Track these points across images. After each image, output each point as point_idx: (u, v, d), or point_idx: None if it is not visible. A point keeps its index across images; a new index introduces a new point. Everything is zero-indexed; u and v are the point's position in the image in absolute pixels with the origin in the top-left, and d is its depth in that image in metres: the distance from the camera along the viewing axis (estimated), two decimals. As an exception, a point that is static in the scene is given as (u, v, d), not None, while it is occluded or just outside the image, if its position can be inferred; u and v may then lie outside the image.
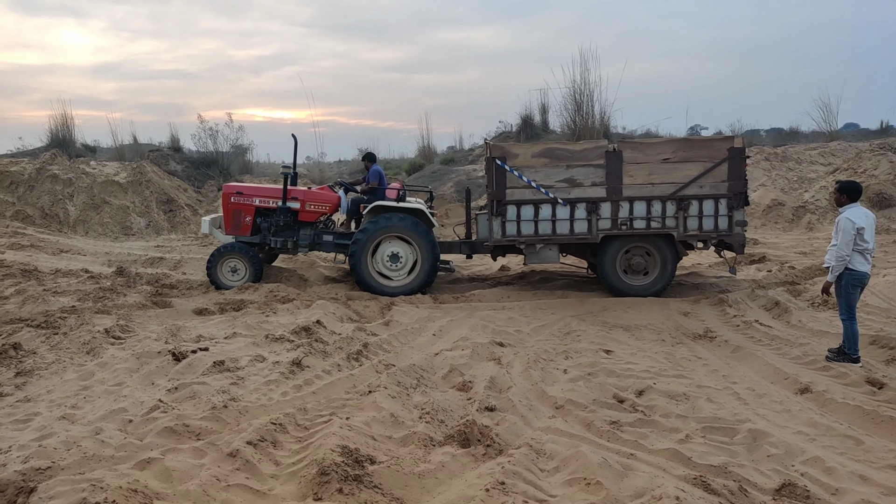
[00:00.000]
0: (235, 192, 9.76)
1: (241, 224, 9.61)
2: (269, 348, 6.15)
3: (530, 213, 8.74)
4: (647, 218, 8.63)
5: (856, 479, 3.74)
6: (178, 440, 4.06)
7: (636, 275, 8.92)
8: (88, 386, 5.14)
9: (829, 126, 19.08)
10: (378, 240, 9.12)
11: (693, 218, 8.59)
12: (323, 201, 9.77)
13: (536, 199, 8.69)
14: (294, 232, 9.63)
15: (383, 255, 9.17)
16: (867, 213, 5.90)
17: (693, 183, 8.51)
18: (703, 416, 4.61)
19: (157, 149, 20.93)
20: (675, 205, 8.56)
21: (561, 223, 8.72)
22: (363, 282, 9.14)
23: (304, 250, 9.76)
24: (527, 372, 5.63)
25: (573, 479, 3.66)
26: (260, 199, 9.65)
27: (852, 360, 5.80)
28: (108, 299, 8.21)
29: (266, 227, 9.60)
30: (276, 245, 9.59)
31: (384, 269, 9.20)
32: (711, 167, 8.48)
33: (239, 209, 9.62)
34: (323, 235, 9.66)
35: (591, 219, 8.67)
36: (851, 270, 5.80)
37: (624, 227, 8.66)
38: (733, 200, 8.51)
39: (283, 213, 9.54)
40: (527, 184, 8.65)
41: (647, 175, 8.57)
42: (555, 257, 9.13)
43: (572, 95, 19.90)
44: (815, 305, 8.03)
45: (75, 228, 14.83)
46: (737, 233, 8.58)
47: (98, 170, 17.07)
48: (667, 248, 8.76)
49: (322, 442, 3.96)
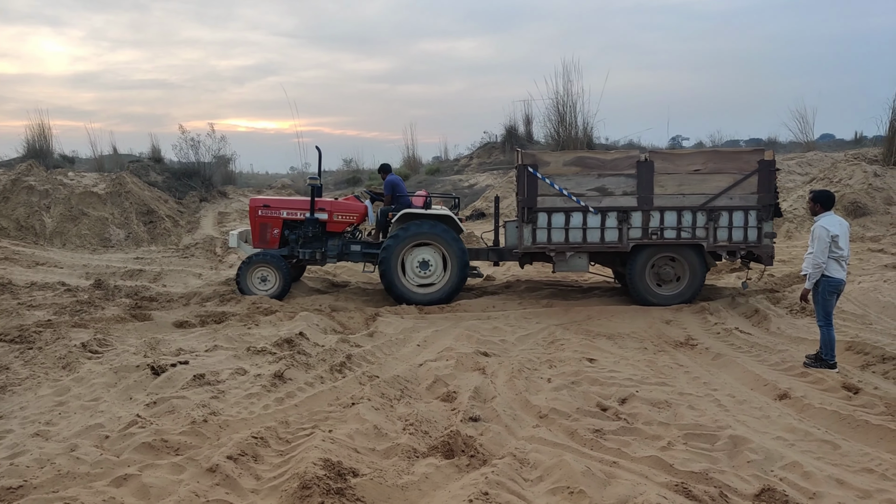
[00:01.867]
0: (262, 205, 9.75)
1: (268, 237, 9.60)
2: (250, 361, 6.08)
3: (561, 221, 8.81)
4: (677, 228, 8.71)
5: (833, 483, 3.80)
6: (156, 456, 3.99)
7: (665, 284, 8.96)
8: (64, 402, 5.02)
9: (806, 137, 19.50)
10: (408, 247, 9.14)
11: (723, 229, 8.67)
12: (350, 211, 9.80)
13: (567, 207, 8.76)
14: (322, 243, 9.64)
15: (413, 263, 9.18)
16: (841, 221, 6.02)
17: (723, 194, 8.60)
18: (685, 423, 4.64)
19: (138, 160, 20.70)
20: (705, 215, 8.65)
21: (591, 231, 8.79)
22: (393, 290, 9.13)
23: (332, 261, 9.81)
24: (511, 381, 5.64)
25: (557, 487, 3.67)
26: (287, 212, 9.65)
27: (829, 366, 5.89)
28: (86, 312, 8.07)
29: (294, 240, 9.60)
30: (305, 256, 9.57)
31: (414, 277, 9.21)
32: (741, 179, 8.58)
33: (266, 222, 9.60)
34: (351, 245, 9.67)
35: (622, 227, 8.74)
36: (828, 277, 5.91)
37: (654, 236, 8.73)
38: (762, 212, 8.61)
39: (312, 224, 9.55)
40: (558, 192, 8.73)
41: (678, 185, 8.67)
42: (584, 265, 9.20)
43: (555, 107, 20.09)
44: (793, 312, 8.15)
45: (52, 241, 14.58)
46: (765, 244, 8.66)
47: (76, 181, 16.84)
48: (696, 258, 8.81)
49: (304, 455, 3.91)
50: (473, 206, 18.89)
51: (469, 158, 25.11)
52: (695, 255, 8.82)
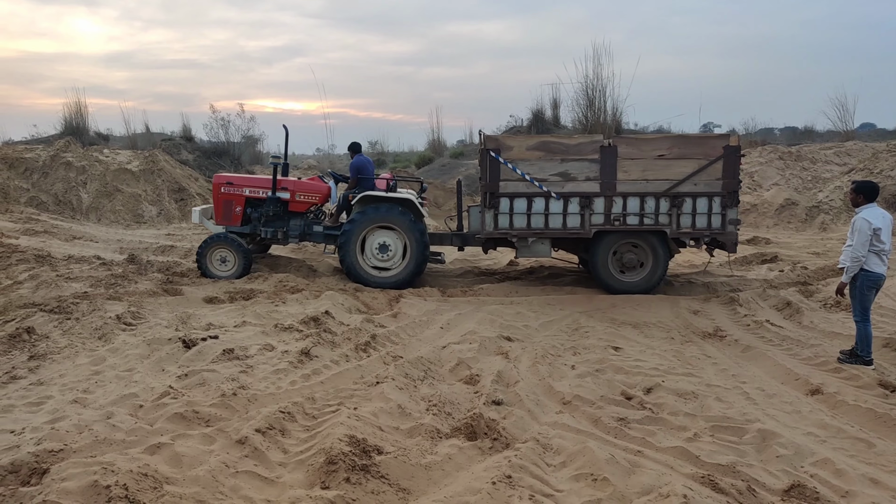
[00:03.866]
0: (225, 182, 9.77)
1: (231, 214, 9.62)
2: (278, 337, 6.18)
3: (523, 207, 8.69)
4: (640, 214, 8.58)
5: (866, 483, 3.71)
6: (187, 426, 4.09)
7: (628, 271, 8.87)
8: (100, 371, 5.19)
9: (845, 126, 18.85)
10: (366, 230, 9.10)
11: (686, 215, 8.55)
12: (313, 191, 9.78)
13: (530, 193, 8.63)
14: (284, 222, 9.64)
15: (372, 246, 9.15)
16: (884, 213, 5.82)
17: (687, 180, 8.46)
18: (712, 415, 4.58)
19: (170, 138, 21.05)
20: (669, 202, 8.52)
21: (554, 217, 8.68)
22: (352, 273, 9.12)
23: (294, 241, 9.79)
24: (534, 367, 5.62)
25: (580, 474, 3.66)
26: (250, 190, 9.65)
27: (865, 363, 5.74)
28: (120, 286, 8.28)
29: (256, 218, 9.62)
30: (267, 235, 9.60)
31: (374, 261, 9.19)
32: (706, 165, 8.44)
33: (229, 199, 9.63)
34: (313, 226, 9.67)
35: (585, 213, 8.62)
36: (867, 272, 5.73)
37: (617, 222, 8.61)
38: (727, 199, 8.47)
39: (273, 203, 9.54)
40: (520, 177, 8.60)
41: (642, 171, 8.52)
42: (546, 251, 9.09)
43: (584, 91, 19.80)
44: (827, 306, 7.94)
45: (88, 215, 14.96)
46: (730, 231, 8.53)
47: (111, 158, 17.19)
48: (659, 245, 8.71)
49: (330, 431, 3.97)
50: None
51: (495, 142, 24.87)
52: (658, 241, 8.68)
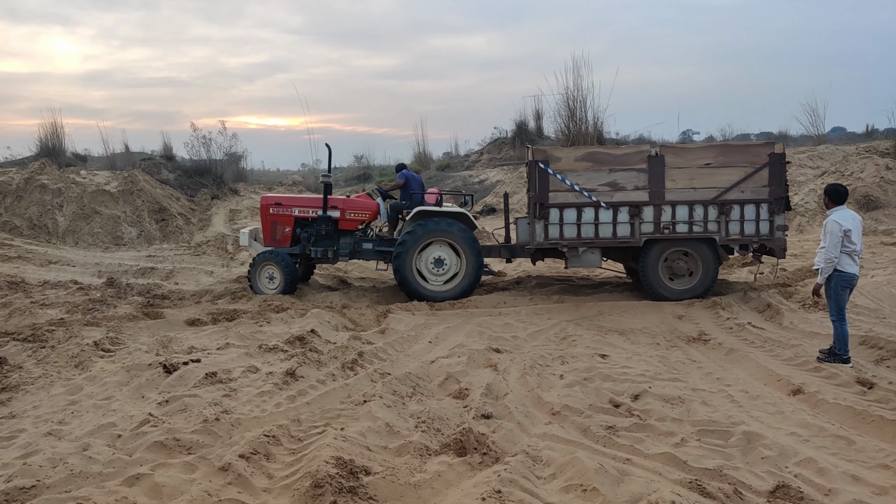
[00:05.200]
0: (274, 202, 9.71)
1: (280, 235, 9.58)
2: (262, 359, 6.11)
3: (573, 217, 8.81)
4: (689, 222, 8.69)
5: (848, 480, 3.76)
6: (168, 455, 4.01)
7: (678, 278, 8.93)
8: (76, 400, 5.06)
9: (817, 130, 19.26)
10: (423, 245, 9.14)
11: (735, 222, 8.65)
12: (363, 209, 9.79)
13: (579, 203, 8.76)
14: (334, 241, 9.62)
15: (428, 260, 9.20)
16: (854, 215, 5.95)
17: (734, 188, 8.58)
18: (698, 420, 4.61)
19: (150, 157, 20.82)
20: (717, 209, 8.63)
21: (604, 227, 8.78)
22: (408, 287, 9.13)
23: (344, 259, 9.80)
24: (523, 378, 5.62)
25: (570, 485, 3.65)
26: (299, 209, 9.63)
27: (843, 361, 5.83)
28: (98, 311, 8.14)
29: (305, 238, 9.58)
30: (317, 255, 9.56)
31: (428, 274, 9.22)
32: (752, 172, 8.56)
33: (278, 220, 9.58)
34: (363, 243, 9.64)
35: (634, 222, 8.73)
36: (840, 272, 5.84)
37: (667, 230, 8.71)
38: (774, 205, 8.58)
39: (325, 222, 9.53)
40: (570, 187, 8.73)
41: (689, 179, 8.65)
42: (597, 261, 9.20)
43: (566, 102, 19.97)
44: (806, 307, 8.07)
45: (64, 239, 14.71)
46: (778, 237, 8.62)
47: (88, 179, 16.95)
48: (708, 252, 8.77)
49: (316, 454, 3.92)
50: (484, 201, 18.86)
51: (479, 154, 25.05)
52: (707, 248, 8.76)
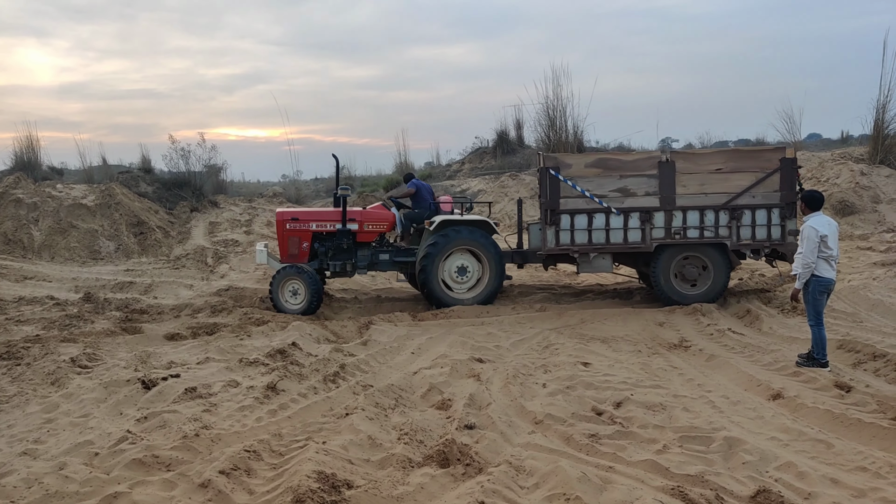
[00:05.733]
0: (290, 217, 9.54)
1: (297, 250, 9.39)
2: (243, 373, 6.03)
3: (584, 223, 8.90)
4: (700, 227, 8.75)
5: (827, 483, 3.80)
6: (147, 472, 3.93)
7: (689, 283, 8.97)
8: (52, 419, 4.95)
9: (794, 137, 19.60)
10: (447, 253, 9.17)
11: (746, 227, 8.71)
12: (381, 220, 9.71)
13: (590, 209, 8.85)
14: (352, 254, 9.49)
15: (451, 269, 9.24)
16: (830, 221, 6.07)
17: (745, 193, 8.63)
18: (680, 426, 4.64)
19: (127, 170, 20.56)
20: (728, 214, 8.69)
21: (615, 232, 8.87)
22: (434, 297, 9.15)
23: (362, 272, 9.70)
24: (506, 387, 5.62)
25: (553, 494, 3.65)
26: (317, 224, 9.48)
27: (821, 365, 5.92)
28: (75, 327, 7.99)
29: (323, 252, 9.44)
30: (335, 269, 9.44)
31: (452, 283, 9.28)
32: (763, 177, 8.62)
33: (295, 235, 9.41)
34: (379, 255, 9.58)
35: (645, 228, 8.81)
36: (818, 277, 5.95)
37: (677, 236, 8.78)
38: (786, 210, 8.65)
39: (345, 235, 9.41)
40: (580, 193, 8.81)
41: (700, 185, 8.72)
42: (608, 266, 9.27)
43: (546, 111, 20.16)
44: (784, 312, 8.19)
45: (40, 254, 14.42)
46: (790, 242, 8.67)
47: (65, 193, 16.69)
48: (720, 257, 8.83)
49: (297, 468, 3.87)
50: (466, 210, 18.89)
51: (461, 164, 25.12)
52: (719, 254, 8.81)
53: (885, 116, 16.57)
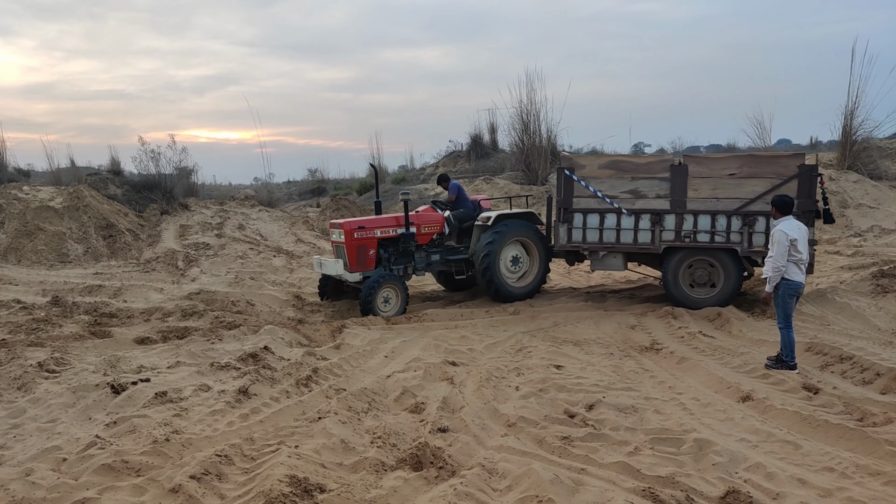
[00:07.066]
0: (357, 227, 9.50)
1: (365, 259, 9.44)
2: (214, 377, 5.94)
3: (595, 222, 9.12)
4: (711, 232, 8.76)
5: (795, 483, 3.88)
6: (116, 477, 3.86)
7: (699, 287, 8.96)
8: (19, 424, 4.83)
9: (764, 142, 20.02)
10: (504, 246, 9.61)
11: (759, 234, 8.57)
12: (433, 222, 9.98)
13: (601, 209, 9.07)
14: (410, 257, 9.73)
15: (506, 260, 9.70)
16: (800, 225, 6.21)
17: (759, 199, 8.54)
18: (651, 428, 4.70)
19: (96, 172, 20.15)
20: (741, 220, 8.63)
21: (625, 232, 9.01)
22: (496, 287, 9.51)
23: (420, 273, 9.93)
24: (479, 390, 5.63)
25: (525, 496, 3.66)
26: (381, 230, 9.57)
27: (790, 367, 6.05)
28: (42, 331, 7.79)
29: (386, 258, 9.60)
30: (399, 273, 9.65)
31: (506, 273, 9.72)
32: (780, 184, 8.44)
33: (363, 244, 9.42)
34: (431, 256, 9.88)
35: (655, 230, 8.90)
36: (787, 280, 6.08)
37: (687, 239, 8.83)
38: (802, 218, 8.13)
39: (409, 238, 9.60)
40: (592, 193, 9.02)
41: (712, 189, 8.73)
42: (619, 265, 9.41)
43: (519, 115, 20.31)
44: (755, 315, 8.35)
45: (6, 257, 14.03)
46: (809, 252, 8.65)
47: (31, 195, 16.27)
48: (731, 262, 8.77)
49: (269, 472, 3.83)
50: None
51: (435, 167, 25.15)
52: (729, 259, 8.77)
53: (853, 122, 17.03)
